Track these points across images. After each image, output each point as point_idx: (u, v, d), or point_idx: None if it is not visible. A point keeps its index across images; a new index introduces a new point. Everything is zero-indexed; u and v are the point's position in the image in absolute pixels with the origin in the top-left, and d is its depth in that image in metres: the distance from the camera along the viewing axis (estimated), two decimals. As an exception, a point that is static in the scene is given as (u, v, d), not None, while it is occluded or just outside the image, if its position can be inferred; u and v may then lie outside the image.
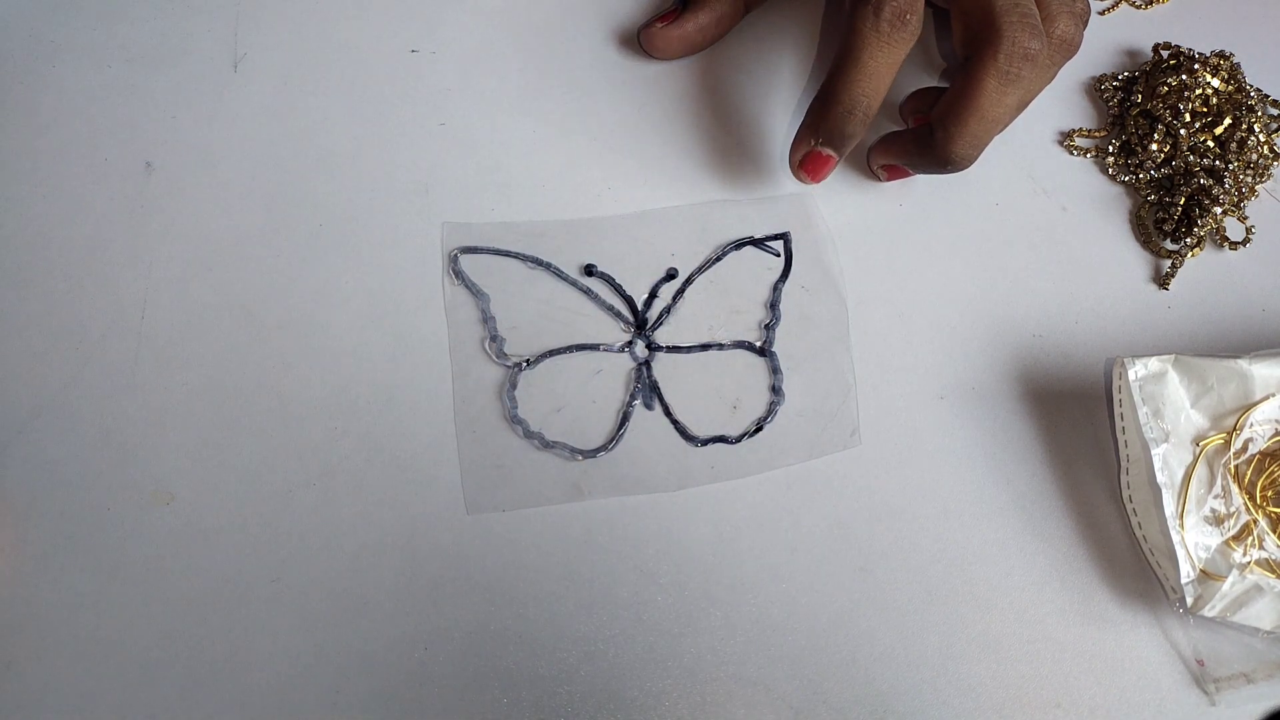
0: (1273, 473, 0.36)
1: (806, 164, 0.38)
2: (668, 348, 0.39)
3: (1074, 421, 0.39)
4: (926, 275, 0.41)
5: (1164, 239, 0.42)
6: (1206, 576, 0.35)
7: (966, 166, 0.38)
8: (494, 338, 0.38)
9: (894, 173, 0.41)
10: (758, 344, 0.39)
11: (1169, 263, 0.42)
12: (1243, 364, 0.36)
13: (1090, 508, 0.38)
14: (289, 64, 0.43)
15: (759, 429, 0.38)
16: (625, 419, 0.38)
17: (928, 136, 0.38)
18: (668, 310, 0.39)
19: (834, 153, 0.38)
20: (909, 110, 0.42)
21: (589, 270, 0.40)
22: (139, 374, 0.37)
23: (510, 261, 0.40)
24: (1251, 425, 0.36)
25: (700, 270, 0.40)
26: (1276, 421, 0.36)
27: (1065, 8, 0.37)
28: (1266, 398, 0.36)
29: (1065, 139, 0.44)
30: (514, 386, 0.37)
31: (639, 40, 0.43)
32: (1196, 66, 0.43)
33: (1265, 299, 0.42)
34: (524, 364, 0.38)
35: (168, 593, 0.35)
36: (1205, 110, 0.43)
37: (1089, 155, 0.44)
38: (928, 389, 0.39)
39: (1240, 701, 0.36)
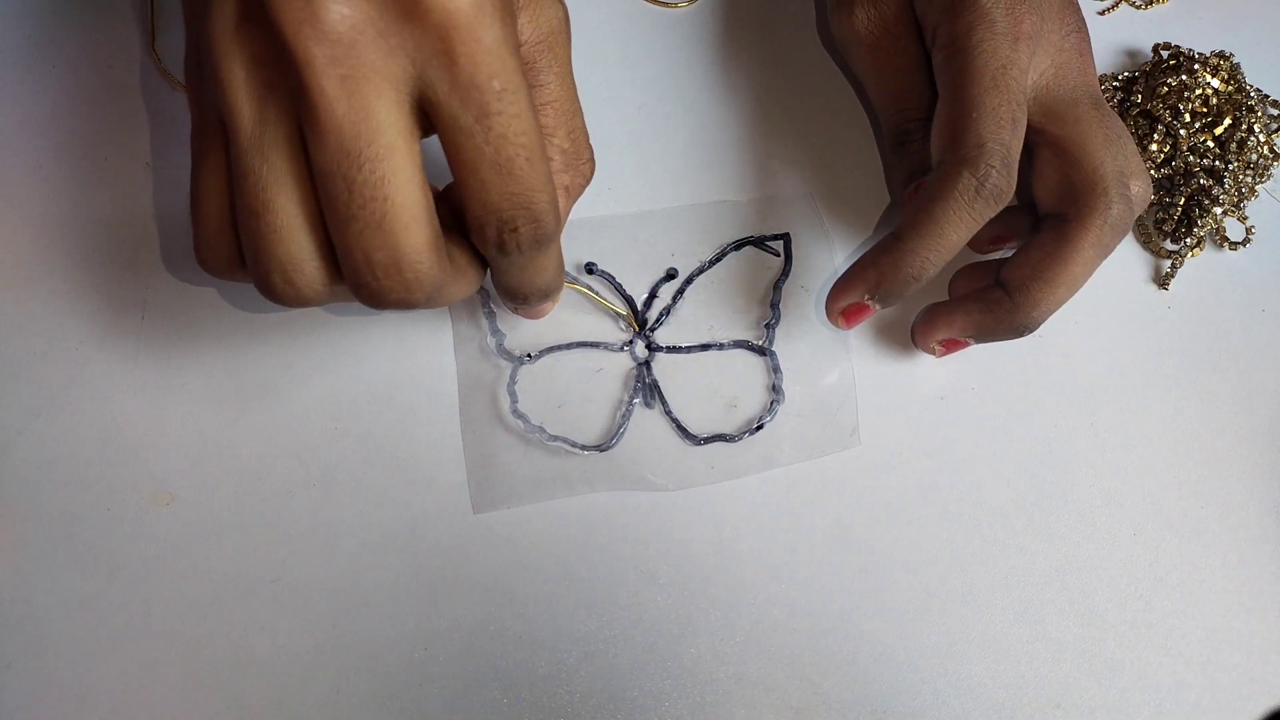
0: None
1: (850, 313, 0.36)
2: (668, 348, 0.39)
3: (1074, 422, 0.39)
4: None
5: (1164, 239, 0.43)
6: None
7: (1034, 331, 0.36)
8: (494, 332, 0.38)
9: (953, 347, 0.38)
10: (758, 343, 0.39)
11: (1169, 263, 0.42)
12: None
13: (1089, 507, 0.38)
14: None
15: (759, 428, 0.38)
16: (625, 417, 0.38)
17: (999, 301, 0.35)
18: (668, 310, 0.39)
19: (880, 307, 0.36)
20: (964, 287, 0.39)
21: (589, 268, 0.40)
22: (139, 374, 0.37)
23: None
24: None
25: (700, 270, 0.40)
26: None
27: (1139, 163, 0.36)
28: None
29: (1065, 139, 0.44)
30: (515, 381, 0.37)
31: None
32: (1196, 67, 0.43)
33: (1265, 299, 0.42)
34: (526, 358, 0.38)
35: (168, 593, 0.35)
36: (1205, 110, 0.43)
37: (1089, 155, 0.44)
38: (928, 389, 0.39)
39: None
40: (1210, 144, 0.43)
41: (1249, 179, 0.43)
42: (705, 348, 0.39)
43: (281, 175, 0.26)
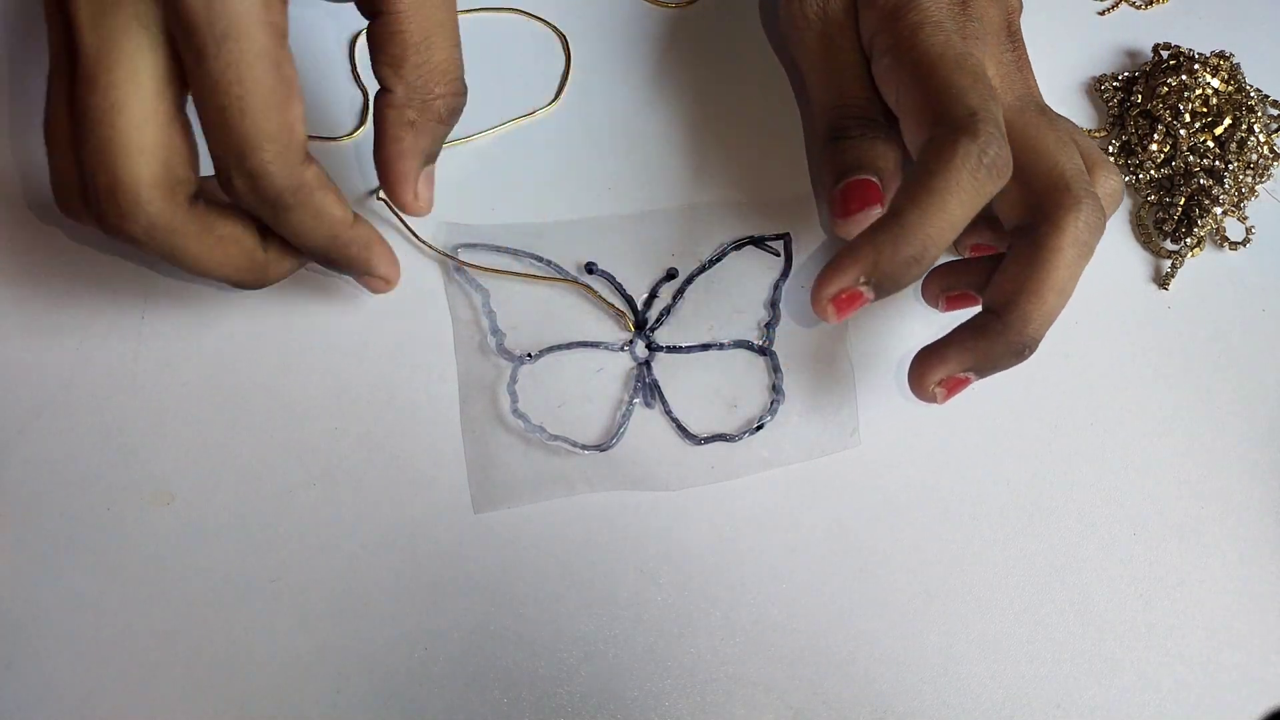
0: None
1: (842, 302, 0.32)
2: (668, 348, 0.39)
3: (1074, 421, 0.39)
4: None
5: (1164, 239, 0.43)
6: None
7: (1035, 350, 0.33)
8: (494, 331, 0.38)
9: (955, 387, 0.34)
10: (758, 343, 0.39)
11: (1169, 263, 0.42)
12: None
13: (1089, 507, 0.38)
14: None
15: (759, 428, 0.38)
16: (625, 417, 0.38)
17: (990, 324, 0.33)
18: (668, 310, 0.39)
19: (875, 295, 0.32)
20: (938, 289, 0.37)
21: (589, 268, 0.40)
22: (139, 374, 0.37)
23: (509, 259, 0.40)
24: None
25: (700, 270, 0.40)
26: None
27: (1102, 158, 0.36)
28: None
29: (1065, 139, 0.44)
30: (515, 381, 0.37)
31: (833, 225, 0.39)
32: (1196, 67, 0.43)
33: (1265, 299, 0.42)
34: (526, 357, 0.38)
35: (168, 593, 0.35)
36: (1205, 110, 0.43)
37: (1089, 155, 0.44)
38: (928, 389, 0.39)
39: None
40: (1210, 144, 0.43)
41: (1249, 179, 0.43)
42: (705, 347, 0.39)
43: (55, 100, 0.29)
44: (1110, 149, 0.44)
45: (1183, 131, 0.43)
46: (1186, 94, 0.43)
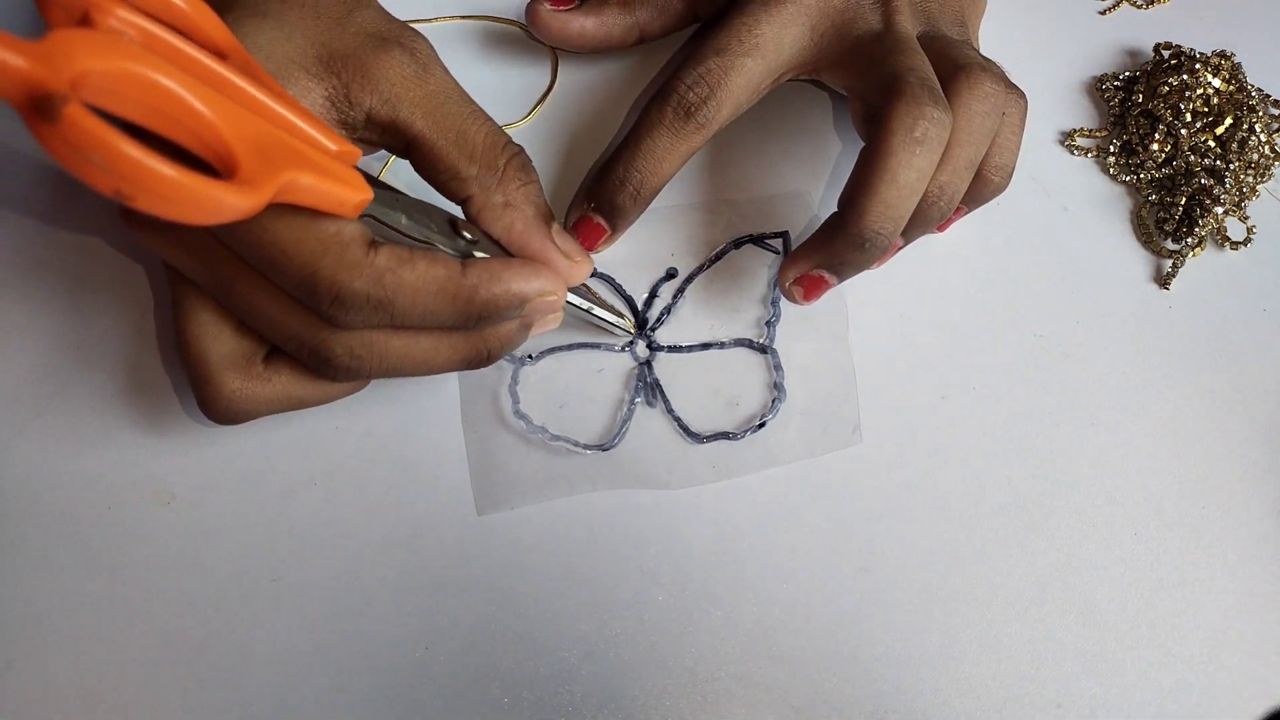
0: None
1: (579, 228, 0.38)
2: (669, 347, 0.39)
3: (1074, 421, 0.39)
4: (927, 275, 0.41)
5: (1165, 239, 0.43)
6: None
7: (884, 245, 0.34)
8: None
9: (811, 287, 0.36)
10: (759, 342, 0.39)
11: (1170, 263, 0.42)
12: None
13: (1089, 507, 0.38)
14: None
15: (761, 426, 0.38)
16: (627, 416, 0.38)
17: (835, 222, 0.34)
18: (668, 310, 0.39)
19: (605, 223, 0.38)
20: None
21: (589, 269, 0.40)
22: (139, 374, 0.37)
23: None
24: None
25: (700, 269, 0.40)
26: None
27: (970, 58, 0.35)
28: None
29: (1066, 139, 0.44)
30: (516, 382, 0.37)
31: (526, 16, 0.41)
32: (1197, 66, 0.43)
33: (1266, 299, 0.42)
34: (527, 359, 0.38)
35: (168, 593, 0.35)
36: (1206, 110, 0.43)
37: (1090, 155, 0.44)
38: (928, 389, 0.39)
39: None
40: (1211, 143, 0.43)
41: (1250, 179, 0.43)
42: (706, 346, 0.39)
43: None
44: (1111, 148, 0.44)
45: (1184, 131, 0.43)
46: (1188, 93, 0.43)
